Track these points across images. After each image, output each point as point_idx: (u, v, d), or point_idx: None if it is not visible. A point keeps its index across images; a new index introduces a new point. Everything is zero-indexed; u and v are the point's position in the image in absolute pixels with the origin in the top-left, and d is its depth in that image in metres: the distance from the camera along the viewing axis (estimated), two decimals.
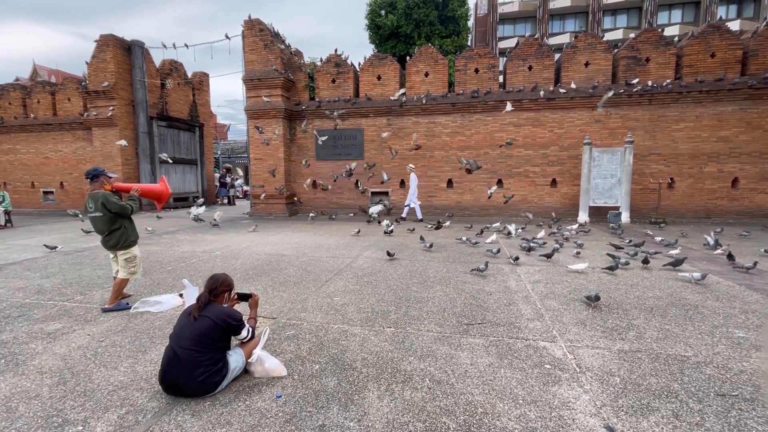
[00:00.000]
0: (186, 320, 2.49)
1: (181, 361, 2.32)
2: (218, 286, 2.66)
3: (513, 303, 4.17)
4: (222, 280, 2.69)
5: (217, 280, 2.68)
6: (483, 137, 12.15)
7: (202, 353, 2.37)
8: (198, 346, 2.37)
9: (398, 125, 12.63)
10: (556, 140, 11.71)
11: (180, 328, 2.47)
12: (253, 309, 2.97)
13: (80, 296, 4.57)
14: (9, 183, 16.58)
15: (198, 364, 2.33)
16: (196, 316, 2.45)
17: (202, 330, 2.41)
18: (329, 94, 13.10)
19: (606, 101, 9.48)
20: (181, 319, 2.54)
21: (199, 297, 2.57)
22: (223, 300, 2.70)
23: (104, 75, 14.22)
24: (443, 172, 12.52)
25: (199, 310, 2.49)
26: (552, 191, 11.91)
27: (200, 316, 2.46)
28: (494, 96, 11.85)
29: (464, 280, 5.10)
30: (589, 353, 2.99)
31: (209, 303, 2.56)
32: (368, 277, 5.28)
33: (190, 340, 2.38)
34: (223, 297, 2.69)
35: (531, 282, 4.98)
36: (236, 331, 2.58)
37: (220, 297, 2.67)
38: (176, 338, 2.43)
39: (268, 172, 12.83)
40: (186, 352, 2.34)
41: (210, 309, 2.52)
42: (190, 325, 2.43)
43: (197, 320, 2.44)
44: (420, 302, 4.22)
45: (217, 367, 2.42)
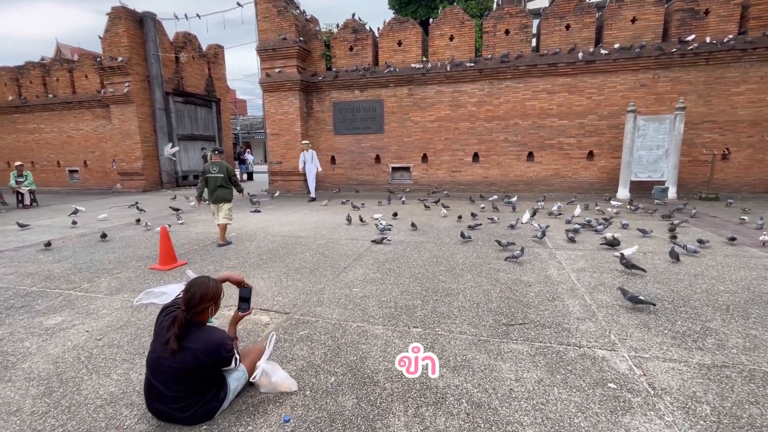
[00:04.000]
0: (162, 349, 1.94)
1: (163, 396, 1.92)
2: (199, 301, 2.01)
3: (557, 297, 3.63)
4: (202, 292, 2.02)
5: (195, 291, 2.01)
6: (513, 106, 11.20)
7: (188, 393, 1.94)
8: (181, 386, 1.92)
9: (420, 95, 11.81)
10: (595, 108, 10.65)
11: (156, 360, 1.95)
12: (232, 326, 2.39)
13: (87, 284, 4.33)
14: (36, 162, 16.86)
15: (185, 399, 1.93)
16: (174, 348, 1.90)
17: (183, 368, 1.90)
18: (347, 63, 12.33)
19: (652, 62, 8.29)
20: (156, 343, 2.01)
21: (175, 317, 1.97)
22: (208, 316, 2.13)
23: (118, 50, 13.87)
24: (469, 145, 11.72)
25: (178, 339, 1.92)
26: (588, 165, 10.97)
27: (180, 348, 1.91)
28: (526, 60, 10.79)
29: (498, 267, 4.56)
30: (661, 368, 2.45)
31: (189, 325, 1.99)
32: (390, 263, 4.83)
33: (172, 378, 1.91)
34: (206, 313, 2.09)
35: (575, 270, 4.40)
36: (228, 362, 2.07)
37: (203, 314, 2.08)
38: (153, 370, 1.95)
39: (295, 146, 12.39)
40: (167, 389, 1.91)
41: (193, 336, 1.96)
42: (168, 359, 1.91)
43: (175, 354, 1.91)
44: (449, 295, 3.74)
45: (211, 394, 2.02)
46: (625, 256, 4.42)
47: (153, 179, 15.11)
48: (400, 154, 12.34)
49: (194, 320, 2.03)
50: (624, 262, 4.33)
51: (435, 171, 12.16)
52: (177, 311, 2.00)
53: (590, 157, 10.92)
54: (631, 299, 3.36)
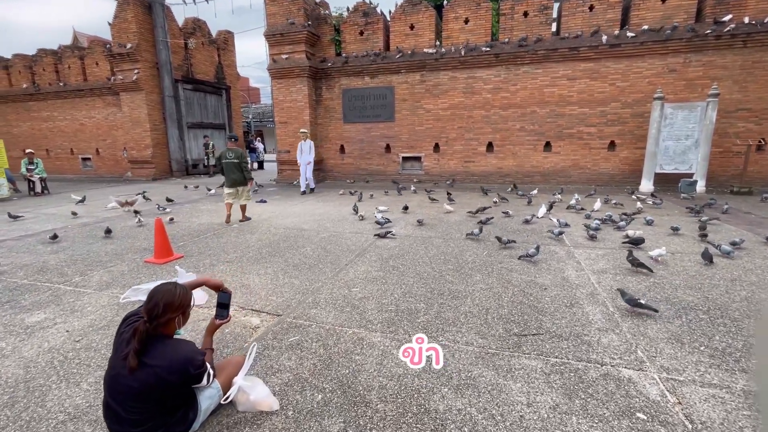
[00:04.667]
0: (120, 365, 1.68)
1: (122, 419, 1.68)
2: (163, 311, 1.74)
3: (576, 303, 3.29)
4: (167, 301, 1.75)
5: (158, 300, 1.74)
6: (530, 93, 10.64)
7: (150, 416, 1.70)
8: (141, 408, 1.68)
9: (433, 81, 11.33)
10: (618, 95, 10.02)
11: (113, 378, 1.70)
12: (208, 336, 2.14)
13: (79, 277, 4.17)
14: (51, 150, 17.04)
15: (147, 422, 1.69)
16: (133, 366, 1.64)
17: (143, 388, 1.65)
18: (357, 48, 11.90)
19: (684, 45, 7.63)
20: (114, 358, 1.75)
21: (135, 329, 1.69)
22: (174, 328, 1.87)
23: (127, 36, 13.73)
24: (483, 134, 11.24)
25: (138, 354, 1.66)
26: (609, 155, 10.38)
27: (140, 364, 1.65)
28: (545, 44, 10.20)
29: (510, 267, 4.22)
30: (699, 395, 2.11)
31: (152, 339, 1.73)
32: (395, 260, 4.53)
33: (131, 399, 1.66)
34: (172, 325, 1.83)
35: (595, 272, 4.03)
36: (198, 379, 1.82)
37: (169, 326, 1.81)
38: (110, 389, 1.71)
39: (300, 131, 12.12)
40: (126, 411, 1.67)
41: (155, 351, 1.70)
42: (127, 378, 1.64)
43: (135, 372, 1.64)
44: (456, 298, 3.43)
45: (178, 416, 1.78)
46: (632, 253, 4.16)
47: (163, 167, 15.08)
48: (411, 143, 11.94)
49: (158, 332, 1.78)
50: (631, 259, 4.04)
51: (447, 161, 11.74)
52: (138, 322, 1.76)
53: (611, 148, 10.34)
54: (630, 302, 3.07)
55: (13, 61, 16.74)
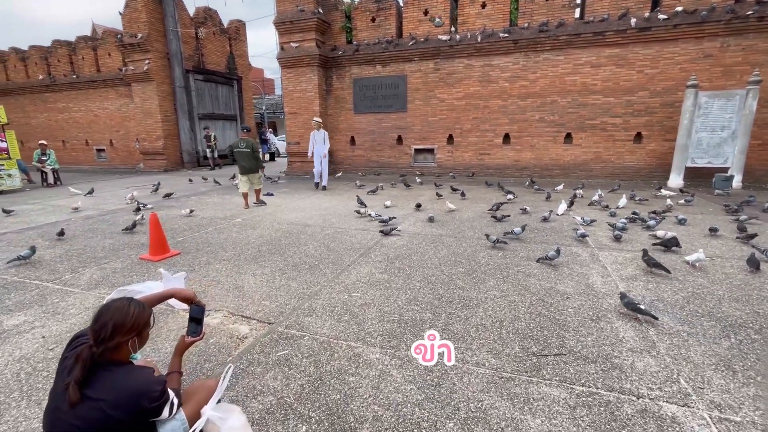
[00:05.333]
0: (61, 398, 1.40)
1: None
2: (112, 333, 1.44)
3: (603, 316, 2.90)
4: (117, 321, 1.46)
5: (107, 320, 1.46)
6: (550, 82, 10.04)
7: None
8: None
9: (448, 69, 10.83)
10: (647, 83, 9.35)
11: (53, 412, 1.42)
12: (177, 357, 1.86)
13: (70, 275, 3.99)
14: (67, 141, 17.22)
15: None
16: (73, 401, 1.34)
17: (87, 427, 1.36)
18: (368, 35, 11.47)
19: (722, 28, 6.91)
20: (54, 390, 1.47)
21: (78, 355, 1.41)
22: (128, 353, 1.54)
23: (137, 26, 13.60)
24: (499, 125, 10.72)
25: (79, 384, 1.36)
26: (635, 148, 9.75)
27: (83, 397, 1.36)
28: (568, 29, 9.57)
29: (527, 271, 3.84)
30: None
31: (99, 366, 1.45)
32: (401, 260, 4.20)
33: None
34: (124, 349, 1.51)
35: (623, 278, 3.61)
36: (157, 413, 1.52)
37: (121, 350, 1.50)
38: (50, 425, 1.43)
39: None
40: None
41: (103, 382, 1.41)
42: (66, 413, 1.38)
43: (76, 407, 1.35)
44: (467, 306, 3.09)
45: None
46: (648, 252, 3.80)
47: (174, 159, 15.04)
48: (423, 134, 11.51)
49: (106, 359, 1.49)
50: (646, 258, 3.71)
51: (461, 153, 11.27)
52: (83, 346, 1.48)
53: (638, 140, 9.70)
54: (629, 306, 2.82)
55: (30, 52, 16.88)
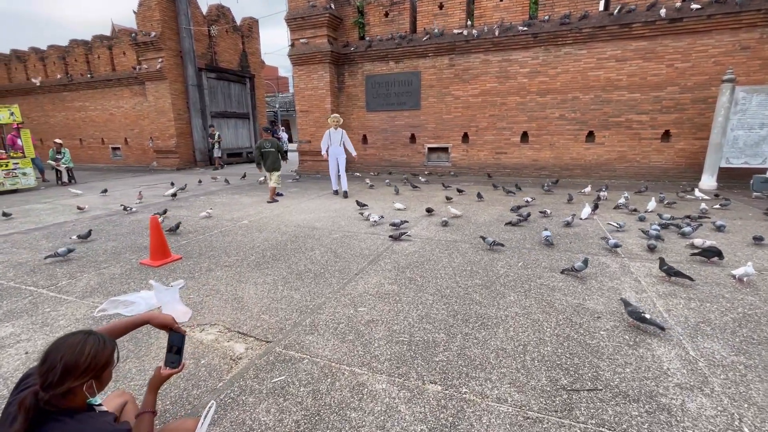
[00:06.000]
0: None
1: None
2: (61, 376, 1.19)
3: (642, 341, 2.55)
4: (69, 362, 1.20)
5: (56, 361, 1.19)
6: (572, 77, 9.56)
7: None
8: None
9: (463, 65, 10.44)
10: (677, 78, 8.79)
11: None
12: (151, 393, 1.57)
13: (67, 280, 3.83)
14: (84, 139, 17.45)
15: None
16: None
17: None
18: (381, 31, 11.16)
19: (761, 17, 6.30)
20: None
21: (21, 401, 1.16)
22: (84, 397, 1.27)
23: (151, 24, 13.59)
24: (517, 123, 10.28)
25: None
26: (662, 147, 9.19)
27: None
28: (592, 21, 9.07)
29: (551, 284, 3.50)
30: None
31: (47, 414, 1.20)
32: (413, 269, 3.91)
33: None
34: (79, 394, 1.24)
35: (661, 295, 3.24)
36: None
37: (75, 395, 1.23)
38: None
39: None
40: None
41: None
42: None
43: None
44: (485, 326, 2.78)
45: None
46: (665, 261, 3.52)
47: (187, 157, 15.04)
48: (437, 133, 11.15)
49: (56, 406, 1.25)
50: (665, 268, 3.42)
51: (477, 152, 10.88)
52: (27, 391, 1.23)
53: (666, 138, 9.14)
54: (633, 315, 2.63)
55: (48, 52, 17.14)
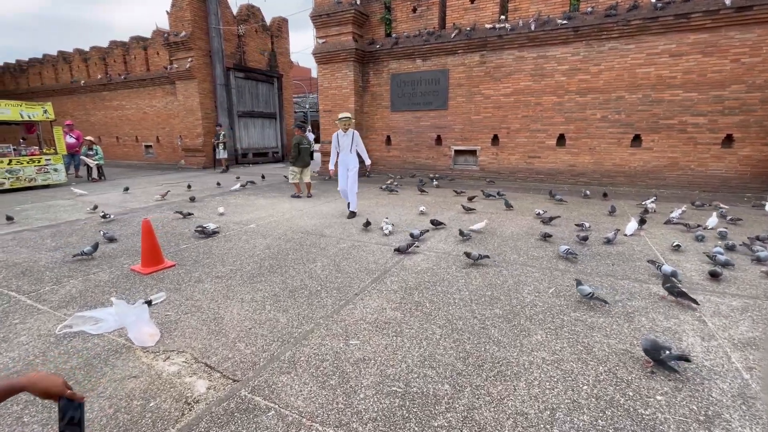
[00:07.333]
0: None
1: None
2: None
3: (717, 414, 1.89)
4: None
5: None
6: (617, 75, 8.64)
7: None
8: None
9: (494, 63, 9.74)
10: (743, 75, 7.71)
11: None
12: None
13: (50, 286, 3.58)
14: (120, 137, 18.07)
15: None
16: None
17: None
18: (409, 27, 10.65)
19: None
20: None
21: None
22: None
23: (182, 24, 13.77)
24: (553, 124, 9.46)
25: None
26: (723, 153, 8.10)
27: None
28: (642, 12, 8.14)
29: (589, 320, 2.85)
30: None
31: None
32: (421, 291, 3.37)
33: None
34: None
35: (736, 343, 2.52)
36: None
37: None
38: None
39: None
40: None
41: None
42: None
43: None
44: (502, 376, 2.20)
45: None
46: (674, 278, 3.07)
47: (212, 156, 15.13)
48: (465, 134, 10.49)
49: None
50: (668, 286, 2.89)
51: (507, 156, 10.13)
52: None
53: (727, 143, 8.06)
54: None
55: (91, 53, 17.88)
